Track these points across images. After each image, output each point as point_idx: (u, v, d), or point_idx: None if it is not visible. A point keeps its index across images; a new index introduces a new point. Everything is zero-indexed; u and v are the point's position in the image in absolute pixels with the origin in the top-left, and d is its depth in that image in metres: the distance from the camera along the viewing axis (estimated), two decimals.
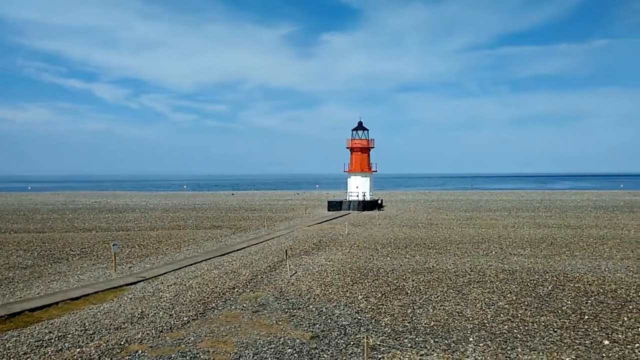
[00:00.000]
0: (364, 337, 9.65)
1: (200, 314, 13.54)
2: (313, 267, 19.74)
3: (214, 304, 14.50)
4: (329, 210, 51.51)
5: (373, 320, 12.77)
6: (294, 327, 12.23)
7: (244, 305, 14.33)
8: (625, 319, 12.65)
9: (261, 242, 27.35)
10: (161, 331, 12.03)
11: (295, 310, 13.67)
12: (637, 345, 10.74)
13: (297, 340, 11.20)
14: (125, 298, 15.19)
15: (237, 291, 16.00)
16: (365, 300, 14.78)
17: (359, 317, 13.03)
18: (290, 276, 18.04)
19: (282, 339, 11.33)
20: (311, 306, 14.12)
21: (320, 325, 12.37)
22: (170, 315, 13.39)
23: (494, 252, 23.40)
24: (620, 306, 13.79)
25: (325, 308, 13.92)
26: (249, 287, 16.58)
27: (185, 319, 13.07)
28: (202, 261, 21.44)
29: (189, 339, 11.37)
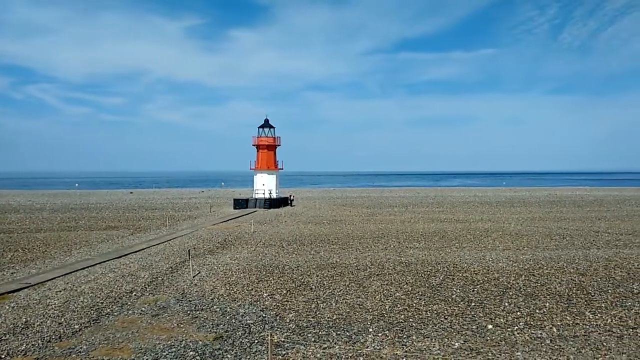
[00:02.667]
0: (268, 335, 9.69)
1: (93, 320, 12.70)
2: (217, 267, 19.38)
3: (109, 310, 13.67)
4: (234, 208, 50.80)
5: (278, 317, 12.86)
6: (197, 329, 11.94)
7: (143, 309, 13.69)
8: (507, 304, 13.98)
9: (162, 243, 26.25)
10: (49, 341, 11.11)
11: (198, 312, 13.34)
12: (516, 328, 11.93)
13: (200, 342, 10.95)
14: (7, 307, 13.78)
15: (134, 295, 15.23)
16: (271, 297, 14.83)
17: (264, 315, 13.05)
18: (193, 277, 17.55)
19: (183, 341, 11.00)
20: (215, 306, 13.86)
21: (224, 325, 12.19)
22: (60, 323, 12.39)
23: (392, 246, 24.63)
24: (502, 293, 15.21)
25: (230, 308, 13.75)
26: (148, 290, 15.85)
27: (76, 326, 12.18)
28: (95, 264, 20.08)
29: (80, 348, 10.62)
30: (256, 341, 11.02)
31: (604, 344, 10.70)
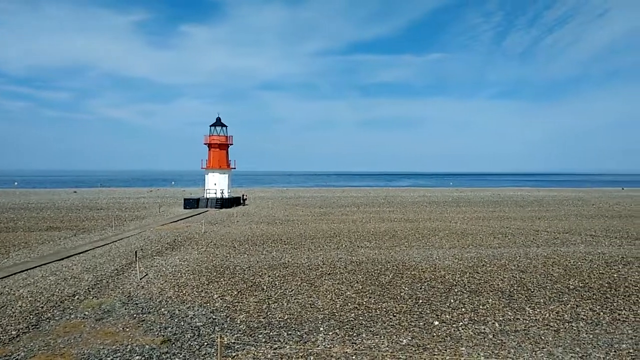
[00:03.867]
0: (217, 337, 9.57)
1: (32, 326, 12.09)
2: (166, 268, 18.92)
3: (49, 314, 13.05)
4: (185, 208, 49.70)
5: (228, 319, 12.72)
6: (144, 332, 11.62)
7: (86, 313, 13.17)
8: (452, 300, 14.46)
9: (107, 244, 25.33)
10: None
11: (145, 315, 12.97)
12: (461, 323, 12.36)
13: (147, 346, 10.66)
14: None
15: (77, 298, 14.62)
16: (221, 299, 14.65)
17: (214, 317, 12.87)
18: (140, 279, 17.05)
19: (129, 346, 10.68)
20: (163, 309, 13.53)
21: (172, 328, 11.93)
22: None
23: (344, 246, 24.90)
24: (448, 290, 15.72)
25: (179, 310, 13.47)
26: (92, 293, 15.26)
27: (13, 332, 11.56)
28: (35, 267, 19.10)
29: (18, 355, 10.09)
30: (206, 343, 10.86)
31: (542, 337, 11.28)
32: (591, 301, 14.29)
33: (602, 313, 13.14)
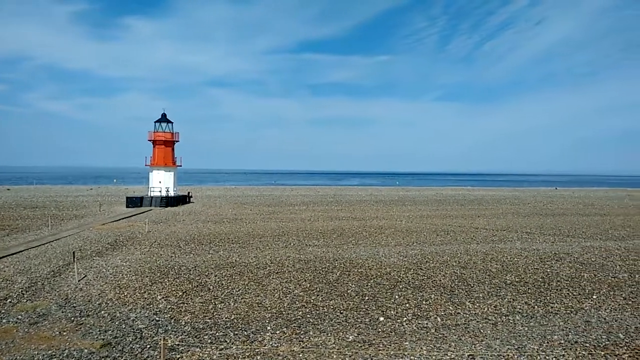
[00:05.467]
0: (161, 339, 9.32)
1: None
2: (106, 270, 18.19)
3: None
4: (127, 206, 47.99)
5: (173, 320, 12.41)
6: (82, 336, 11.12)
7: (19, 317, 12.44)
8: (397, 297, 14.82)
9: (43, 244, 24.02)
10: None
11: (83, 318, 12.43)
12: (405, 319, 12.69)
13: (85, 351, 10.22)
14: None
15: (9, 302, 13.78)
16: (165, 300, 14.27)
17: (158, 319, 12.51)
18: (79, 281, 16.31)
19: (66, 351, 10.20)
20: (103, 312, 13.01)
21: (112, 331, 11.50)
22: None
23: (292, 244, 24.91)
24: (393, 286, 16.09)
25: (120, 312, 12.99)
26: (25, 296, 14.43)
27: None
28: None
29: None
30: (148, 346, 10.54)
31: (481, 330, 11.78)
32: (526, 295, 15.07)
33: (536, 306, 13.88)
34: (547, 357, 9.94)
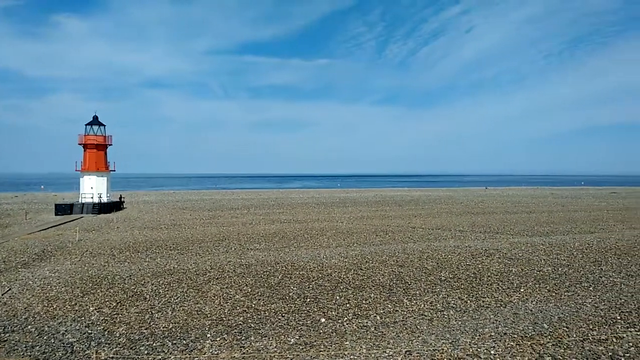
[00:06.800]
0: (93, 352, 8.92)
1: None
2: (33, 282, 17.12)
3: None
4: (56, 214, 45.38)
5: (106, 332, 11.90)
6: (6, 353, 10.41)
7: None
8: (338, 297, 15.02)
9: None
10: None
11: (7, 334, 11.64)
12: (346, 319, 12.90)
13: None
14: None
15: None
16: (98, 311, 13.65)
17: (90, 331, 11.95)
18: (2, 294, 15.24)
19: None
20: (30, 326, 12.25)
21: (41, 346, 10.86)
22: None
23: (233, 249, 24.59)
24: (334, 287, 16.29)
25: (48, 326, 12.29)
26: None
27: None
28: None
29: None
30: None
31: (418, 327, 12.20)
32: (460, 290, 15.77)
33: (469, 301, 14.56)
34: (479, 349, 10.46)
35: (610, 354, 10.09)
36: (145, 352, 10.58)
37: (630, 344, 10.66)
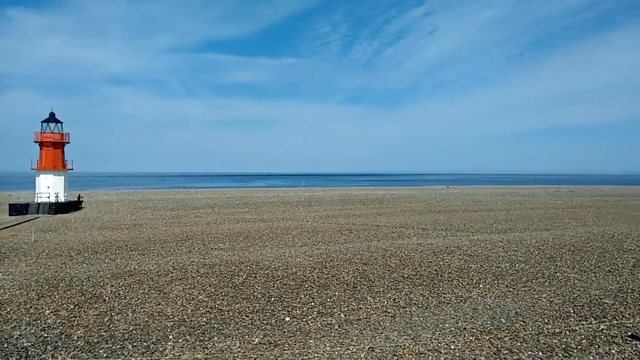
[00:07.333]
0: (49, 357, 8.63)
1: None
2: None
3: None
4: (10, 214, 43.53)
5: (63, 336, 11.52)
6: None
7: None
8: (302, 296, 15.05)
9: None
10: None
11: None
12: (310, 317, 12.94)
13: None
14: None
15: None
16: (55, 314, 13.19)
17: (46, 335, 11.54)
18: None
19: None
20: None
21: None
22: None
23: (196, 249, 24.25)
24: (299, 286, 16.31)
25: (1, 331, 11.79)
26: None
27: None
28: None
29: None
30: None
31: (381, 323, 12.37)
32: (422, 287, 16.08)
33: (430, 297, 14.86)
34: (439, 344, 10.71)
35: (563, 346, 10.53)
36: (105, 355, 10.32)
37: (583, 336, 11.16)
